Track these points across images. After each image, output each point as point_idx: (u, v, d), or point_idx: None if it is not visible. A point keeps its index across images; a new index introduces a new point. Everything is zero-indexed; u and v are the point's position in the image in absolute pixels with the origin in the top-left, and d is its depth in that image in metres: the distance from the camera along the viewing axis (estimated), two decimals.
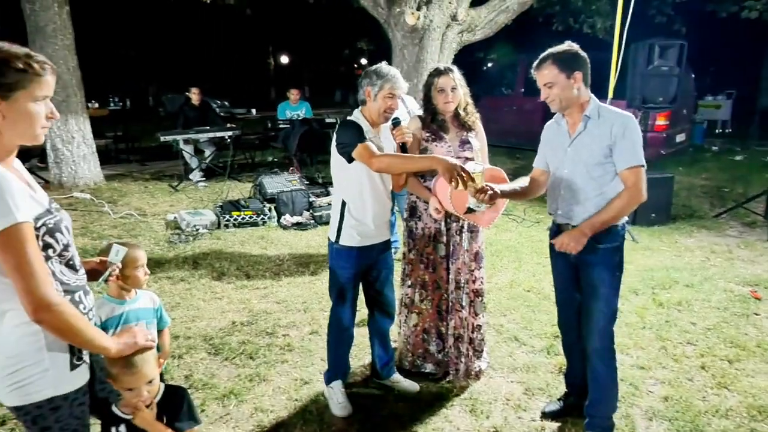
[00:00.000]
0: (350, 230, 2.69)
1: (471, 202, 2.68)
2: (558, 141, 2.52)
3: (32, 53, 1.40)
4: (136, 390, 1.65)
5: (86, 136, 7.94)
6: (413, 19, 6.05)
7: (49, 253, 1.44)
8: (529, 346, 3.51)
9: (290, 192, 6.57)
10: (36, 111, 1.40)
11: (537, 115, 10.33)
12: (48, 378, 1.45)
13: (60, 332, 1.40)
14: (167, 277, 4.60)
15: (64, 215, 1.53)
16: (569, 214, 2.48)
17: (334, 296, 2.83)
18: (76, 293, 1.54)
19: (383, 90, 2.59)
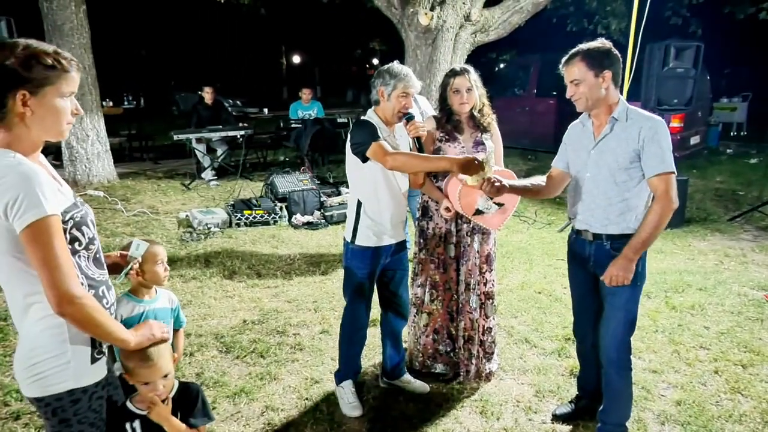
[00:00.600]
0: (366, 230, 2.69)
1: (480, 204, 2.68)
2: (582, 143, 2.43)
3: (60, 50, 1.43)
4: (152, 384, 1.67)
5: (100, 135, 8.02)
6: (427, 20, 6.05)
7: (75, 247, 1.47)
8: (540, 348, 3.50)
9: (301, 191, 6.59)
10: (63, 107, 1.44)
11: (550, 117, 10.30)
12: (69, 370, 1.47)
13: (82, 325, 1.43)
14: (179, 275, 4.63)
15: (88, 209, 1.56)
16: (589, 220, 2.41)
17: (349, 296, 2.83)
18: (100, 288, 1.56)
19: (397, 89, 2.59)
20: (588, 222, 2.41)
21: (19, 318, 1.47)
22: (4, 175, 1.32)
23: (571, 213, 2.54)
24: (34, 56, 1.37)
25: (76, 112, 1.49)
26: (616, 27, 10.13)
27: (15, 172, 1.33)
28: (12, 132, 1.40)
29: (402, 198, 2.80)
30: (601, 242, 2.39)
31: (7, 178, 1.32)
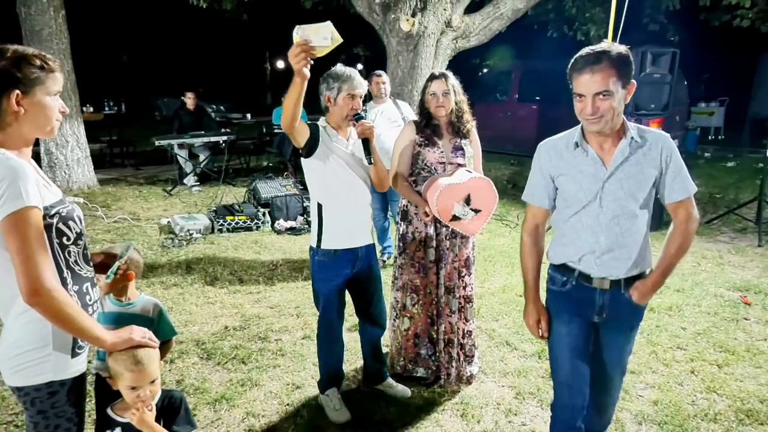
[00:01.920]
0: (330, 232, 2.64)
1: (456, 210, 2.72)
2: (585, 171, 1.93)
3: (44, 53, 1.52)
4: (138, 389, 1.66)
5: (80, 140, 7.94)
6: (408, 26, 6.10)
7: (64, 241, 1.52)
8: (521, 350, 3.53)
9: (284, 197, 6.58)
10: (52, 104, 1.52)
11: (531, 122, 10.42)
12: (50, 363, 1.51)
13: (53, 317, 1.44)
14: (160, 281, 4.59)
15: (75, 207, 1.61)
16: (608, 264, 1.96)
17: (321, 307, 2.79)
18: (84, 284, 1.60)
19: (342, 92, 2.55)
20: (607, 267, 1.97)
21: (4, 309, 1.51)
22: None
23: (567, 257, 2.04)
24: (23, 58, 1.46)
25: (63, 110, 1.56)
26: (595, 33, 10.27)
27: (2, 165, 1.38)
28: (5, 131, 1.47)
29: (364, 197, 2.72)
30: (618, 289, 1.98)
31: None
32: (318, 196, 2.66)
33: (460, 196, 2.74)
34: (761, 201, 6.22)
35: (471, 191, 2.76)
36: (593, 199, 1.94)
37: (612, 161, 1.90)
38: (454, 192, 2.73)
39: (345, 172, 2.62)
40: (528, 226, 2.15)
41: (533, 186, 2.11)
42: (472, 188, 2.77)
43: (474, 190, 2.77)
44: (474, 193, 2.77)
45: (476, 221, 2.83)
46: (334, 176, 2.61)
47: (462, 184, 2.75)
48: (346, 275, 2.72)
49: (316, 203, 2.67)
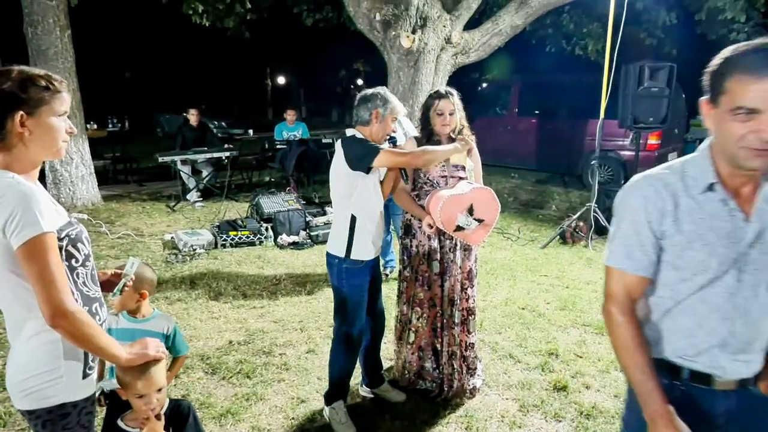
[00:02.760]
0: (361, 244, 2.75)
1: (460, 220, 2.76)
2: (722, 229, 1.32)
3: (51, 73, 1.52)
4: (146, 397, 1.69)
5: (84, 157, 8.01)
6: (408, 42, 6.18)
7: (72, 263, 1.52)
8: (524, 363, 3.54)
9: (287, 212, 6.62)
10: (58, 125, 1.51)
11: (531, 136, 10.50)
12: (61, 385, 1.51)
13: (75, 338, 1.46)
14: (164, 297, 4.62)
15: (82, 228, 1.62)
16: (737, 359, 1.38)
17: (344, 315, 2.81)
18: (93, 304, 1.61)
19: (391, 114, 2.73)
20: (739, 365, 1.38)
21: (14, 333, 1.51)
22: (3, 194, 1.38)
23: (669, 350, 1.45)
24: (29, 79, 1.45)
25: (70, 130, 1.56)
26: (593, 48, 10.39)
27: (14, 190, 1.39)
28: (11, 153, 1.47)
29: (383, 212, 2.89)
30: (744, 389, 1.40)
31: (6, 197, 1.38)
32: (353, 209, 2.74)
33: (463, 207, 2.78)
34: None
35: (474, 201, 2.80)
36: (729, 268, 1.32)
37: (755, 213, 1.31)
38: (457, 202, 2.77)
39: (375, 186, 2.78)
40: (620, 303, 1.43)
41: (627, 245, 1.41)
42: (475, 199, 2.81)
43: (476, 201, 2.81)
44: (477, 203, 2.81)
45: (480, 231, 2.86)
46: (373, 191, 2.76)
47: (464, 194, 2.79)
48: (368, 279, 2.86)
49: (349, 214, 2.74)
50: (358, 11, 6.51)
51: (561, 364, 3.53)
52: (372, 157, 2.61)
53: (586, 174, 9.25)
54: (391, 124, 2.76)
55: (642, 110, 6.32)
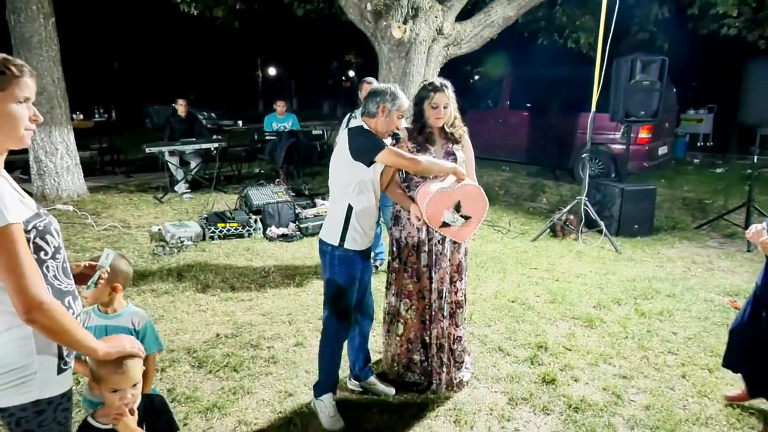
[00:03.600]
0: (355, 234, 2.75)
1: (446, 216, 2.74)
2: None
3: (9, 57, 1.45)
4: (121, 392, 1.65)
5: (70, 148, 7.88)
6: (399, 33, 6.12)
7: (41, 256, 1.47)
8: (513, 356, 3.53)
9: (276, 204, 6.56)
10: (18, 112, 1.44)
11: (523, 129, 10.48)
12: (35, 381, 1.47)
13: (50, 332, 1.42)
14: (151, 289, 4.56)
15: (52, 219, 1.56)
16: None
17: (334, 305, 2.81)
18: (66, 298, 1.56)
19: (398, 110, 2.74)
20: None
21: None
22: None
23: None
24: None
25: (35, 118, 1.49)
26: (585, 41, 10.36)
27: None
28: None
29: (378, 204, 2.89)
30: None
31: None
32: (351, 198, 2.73)
33: (451, 203, 2.75)
34: (749, 206, 6.28)
35: (461, 198, 2.77)
36: None
37: None
38: (445, 198, 2.74)
39: (377, 180, 2.80)
40: None
41: None
42: (463, 195, 2.78)
43: (464, 197, 2.78)
44: (464, 199, 2.78)
45: (466, 228, 2.83)
46: (372, 183, 2.76)
47: (453, 190, 2.76)
48: (360, 268, 2.85)
49: (346, 203, 2.74)
50: (349, 1, 6.44)
51: (550, 357, 3.52)
52: (375, 153, 2.64)
53: (577, 167, 9.24)
54: (397, 121, 2.77)
55: (633, 104, 6.32)
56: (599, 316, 4.12)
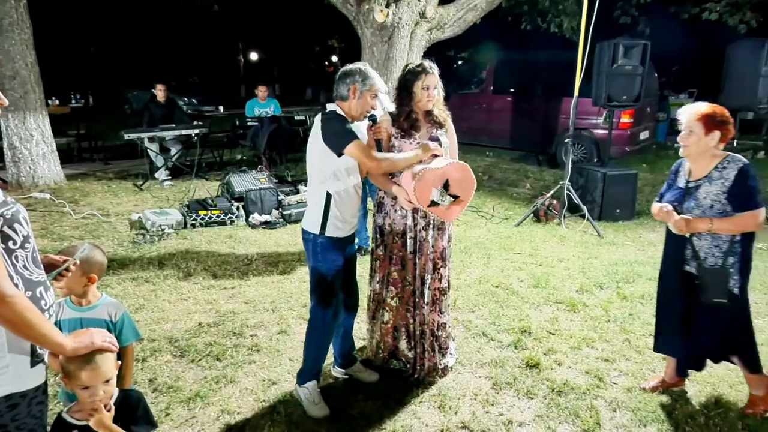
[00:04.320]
0: (336, 222, 2.72)
1: (434, 195, 2.70)
2: None
3: None
4: (92, 389, 1.60)
5: (45, 134, 7.68)
6: (382, 17, 6.04)
7: (10, 246, 1.43)
8: (497, 341, 3.54)
9: (259, 190, 6.48)
10: None
11: (506, 114, 10.47)
12: (8, 375, 1.43)
13: (14, 325, 1.37)
14: (131, 278, 4.48)
15: (20, 207, 1.51)
16: None
17: (320, 293, 2.78)
18: (37, 288, 1.51)
19: (370, 90, 2.67)
20: None
21: None
22: None
23: None
24: None
25: (0, 102, 1.47)
26: (568, 25, 10.36)
27: None
28: None
29: (361, 189, 2.85)
30: None
31: None
32: (329, 186, 2.69)
33: (439, 181, 2.72)
34: None
35: (449, 176, 2.74)
36: None
37: None
38: (433, 177, 2.70)
39: (356, 165, 2.72)
40: None
41: None
42: (451, 173, 2.74)
43: (452, 176, 2.74)
44: (452, 178, 2.74)
45: (455, 207, 2.80)
46: (348, 169, 2.69)
47: (440, 168, 2.72)
48: (343, 257, 2.82)
49: (324, 191, 2.70)
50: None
51: (534, 341, 3.54)
52: (344, 144, 2.58)
53: (559, 152, 9.28)
54: (371, 101, 2.70)
55: (616, 88, 6.34)
56: (582, 300, 4.15)
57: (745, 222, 2.49)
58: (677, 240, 2.69)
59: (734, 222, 2.50)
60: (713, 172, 2.57)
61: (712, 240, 2.59)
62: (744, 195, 2.49)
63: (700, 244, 2.62)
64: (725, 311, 2.59)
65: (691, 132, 2.57)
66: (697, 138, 2.56)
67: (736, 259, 2.58)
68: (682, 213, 2.61)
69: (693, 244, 2.63)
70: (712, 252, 2.60)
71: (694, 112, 2.58)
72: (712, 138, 2.54)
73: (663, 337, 2.95)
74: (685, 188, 2.67)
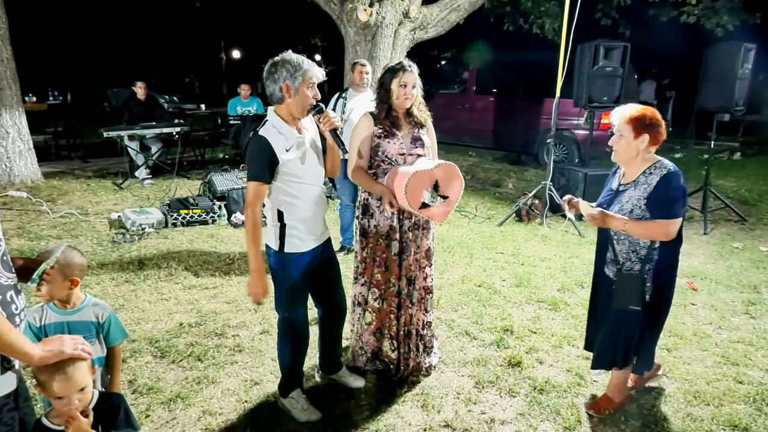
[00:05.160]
0: (293, 237, 2.55)
1: (426, 197, 2.70)
2: None
3: None
4: (65, 398, 1.55)
5: (22, 132, 7.54)
6: (366, 16, 6.04)
7: None
8: (480, 340, 3.56)
9: (241, 189, 6.43)
10: None
11: (488, 114, 10.54)
12: None
13: None
14: (111, 278, 4.42)
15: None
16: None
17: (284, 304, 2.68)
18: (8, 293, 1.46)
19: (304, 81, 2.38)
20: None
21: None
22: None
23: None
24: None
25: None
26: (550, 27, 10.44)
27: None
28: None
29: (321, 191, 2.66)
30: None
31: None
32: (277, 204, 2.51)
33: (429, 183, 2.72)
34: (706, 191, 6.48)
35: (439, 178, 2.74)
36: None
37: None
38: (423, 179, 2.70)
39: (303, 171, 2.49)
40: None
41: None
42: (440, 175, 2.75)
43: (441, 177, 2.76)
44: (441, 179, 2.75)
45: (444, 207, 2.80)
46: (294, 180, 2.48)
47: (429, 170, 2.72)
48: (311, 267, 2.66)
49: (275, 209, 2.52)
50: None
51: (516, 340, 3.57)
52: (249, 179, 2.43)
53: (541, 153, 9.36)
54: (310, 92, 2.41)
55: (596, 89, 6.41)
56: (563, 299, 4.20)
57: (655, 229, 2.43)
58: (602, 241, 2.72)
59: (645, 227, 2.45)
60: (640, 177, 2.53)
61: (629, 245, 2.57)
62: (662, 202, 2.43)
63: (619, 248, 2.61)
64: (630, 318, 2.56)
65: (621, 135, 2.53)
66: (627, 142, 2.51)
67: (652, 266, 2.53)
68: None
69: (614, 247, 2.62)
70: (629, 257, 2.58)
71: (623, 115, 2.53)
72: (642, 141, 2.49)
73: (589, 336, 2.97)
74: (616, 191, 2.66)
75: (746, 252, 5.40)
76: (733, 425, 2.70)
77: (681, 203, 2.45)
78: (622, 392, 2.83)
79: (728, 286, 4.52)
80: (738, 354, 3.40)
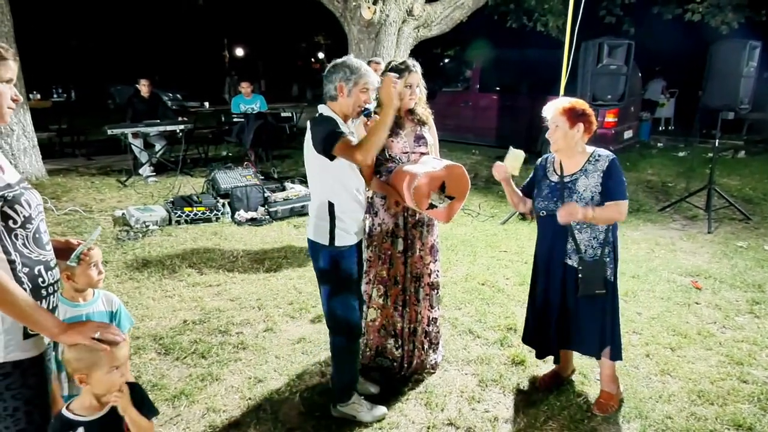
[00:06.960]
0: (343, 230, 2.55)
1: (433, 198, 2.70)
2: None
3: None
4: (123, 367, 1.62)
5: (27, 129, 7.56)
6: (369, 14, 6.03)
7: (10, 225, 1.51)
8: (483, 338, 3.56)
9: (245, 187, 6.44)
10: (3, 91, 1.54)
11: (492, 112, 10.52)
12: (0, 343, 1.48)
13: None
14: (115, 275, 4.43)
15: (30, 193, 1.61)
16: None
17: (340, 303, 2.59)
18: (36, 267, 1.58)
19: (358, 85, 2.47)
20: None
21: None
22: None
23: None
24: None
25: (15, 98, 1.58)
26: (554, 24, 10.43)
27: None
28: None
29: (364, 193, 2.70)
30: None
31: None
32: (329, 194, 2.52)
33: (436, 185, 2.73)
34: (710, 189, 6.46)
35: (446, 179, 2.75)
36: None
37: None
38: (431, 180, 2.70)
39: (353, 166, 2.54)
40: None
41: None
42: (447, 176, 2.75)
43: (449, 178, 2.76)
44: (449, 180, 2.76)
45: (451, 208, 2.81)
46: (349, 171, 2.54)
47: (437, 171, 2.72)
48: (359, 263, 2.68)
49: (326, 201, 2.52)
50: None
51: (519, 338, 3.56)
52: (331, 145, 2.36)
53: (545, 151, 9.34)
54: (363, 96, 2.49)
55: (600, 87, 6.38)
56: None
57: (616, 211, 2.57)
58: (557, 233, 2.73)
59: (608, 211, 2.57)
60: (587, 166, 2.66)
61: (590, 232, 2.68)
62: (617, 185, 2.60)
63: (581, 237, 2.69)
64: (602, 302, 2.70)
65: (557, 127, 2.65)
66: (563, 132, 2.63)
67: (610, 248, 2.69)
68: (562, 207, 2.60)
69: (575, 237, 2.69)
70: (591, 244, 2.69)
71: (556, 108, 2.65)
72: (577, 130, 2.62)
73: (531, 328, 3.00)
74: (561, 183, 2.72)
75: (751, 251, 5.38)
76: (738, 425, 2.70)
77: (625, 185, 2.67)
78: (616, 382, 2.86)
79: (732, 285, 4.51)
80: (742, 353, 3.39)
